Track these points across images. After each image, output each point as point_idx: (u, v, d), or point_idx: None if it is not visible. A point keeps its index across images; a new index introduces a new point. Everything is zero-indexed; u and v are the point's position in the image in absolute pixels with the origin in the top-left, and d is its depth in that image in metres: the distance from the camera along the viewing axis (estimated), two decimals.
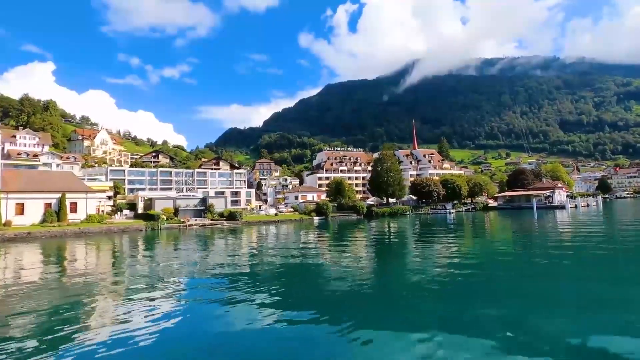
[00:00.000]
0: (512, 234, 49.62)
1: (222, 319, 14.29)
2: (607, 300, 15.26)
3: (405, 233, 54.59)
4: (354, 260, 29.12)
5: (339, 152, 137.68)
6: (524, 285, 18.71)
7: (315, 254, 33.68)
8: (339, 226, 69.76)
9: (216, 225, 73.18)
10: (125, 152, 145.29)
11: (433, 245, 37.90)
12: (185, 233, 62.84)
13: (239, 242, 47.44)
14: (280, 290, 18.94)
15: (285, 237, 53.08)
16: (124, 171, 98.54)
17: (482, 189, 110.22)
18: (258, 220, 79.01)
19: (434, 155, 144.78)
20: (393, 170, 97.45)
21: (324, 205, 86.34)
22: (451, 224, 67.09)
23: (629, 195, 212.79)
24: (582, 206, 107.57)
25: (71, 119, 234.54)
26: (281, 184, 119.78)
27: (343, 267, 25.53)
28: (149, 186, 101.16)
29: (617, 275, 20.59)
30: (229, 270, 25.58)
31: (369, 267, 26.24)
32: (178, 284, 21.26)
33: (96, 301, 17.55)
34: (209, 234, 58.49)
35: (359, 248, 37.67)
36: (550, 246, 33.74)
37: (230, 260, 31.15)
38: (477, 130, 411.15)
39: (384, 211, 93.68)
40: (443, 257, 28.48)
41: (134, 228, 65.22)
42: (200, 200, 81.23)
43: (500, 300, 15.79)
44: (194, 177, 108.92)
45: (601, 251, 29.40)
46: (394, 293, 18.19)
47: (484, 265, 25.05)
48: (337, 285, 19.85)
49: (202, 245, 43.80)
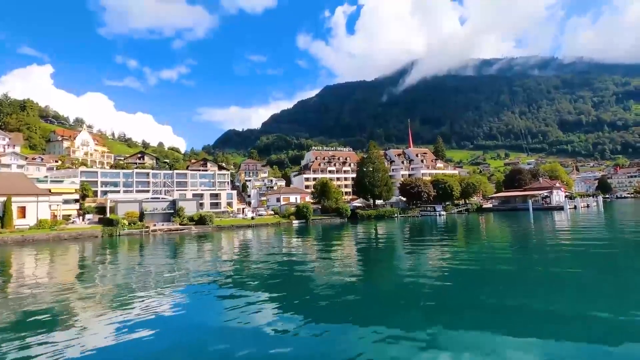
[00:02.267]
0: (501, 241, 42.51)
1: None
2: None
3: (386, 239, 47.86)
4: (322, 276, 23.05)
5: (327, 152, 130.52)
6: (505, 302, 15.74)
7: (275, 269, 26.92)
8: (319, 231, 62.97)
9: (183, 230, 66.47)
10: (109, 153, 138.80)
11: (406, 257, 31.12)
12: (146, 240, 56.33)
13: (196, 251, 40.60)
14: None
15: (253, 244, 46.37)
16: (96, 172, 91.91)
17: (475, 189, 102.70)
18: (230, 224, 72.13)
19: (427, 154, 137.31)
20: (380, 170, 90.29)
21: (304, 208, 79.39)
22: (440, 227, 60.60)
23: (630, 195, 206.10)
24: (582, 207, 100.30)
25: (64, 121, 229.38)
26: (266, 186, 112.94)
27: (309, 288, 20.20)
28: (124, 188, 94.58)
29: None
30: (149, 297, 18.83)
31: (338, 284, 20.24)
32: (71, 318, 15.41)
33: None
34: (172, 241, 51.99)
35: (328, 260, 30.67)
36: (545, 259, 26.65)
37: (165, 278, 24.16)
38: (475, 130, 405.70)
39: (369, 214, 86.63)
40: (411, 273, 23.31)
41: (87, 234, 58.58)
42: (170, 203, 74.56)
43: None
44: (173, 179, 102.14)
45: (610, 275, 22.41)
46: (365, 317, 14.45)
47: (460, 281, 20.56)
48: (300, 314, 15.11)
49: (150, 256, 37.34)
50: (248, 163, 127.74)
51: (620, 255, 28.17)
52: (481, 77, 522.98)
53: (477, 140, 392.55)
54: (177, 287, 21.05)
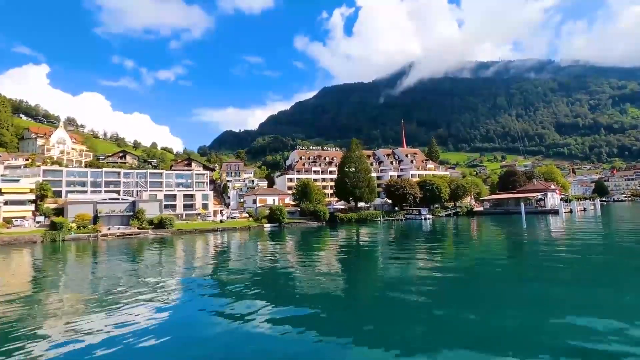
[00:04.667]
0: (485, 252, 35.28)
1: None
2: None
3: (359, 249, 40.64)
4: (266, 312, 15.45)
5: (312, 152, 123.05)
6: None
7: (223, 294, 19.76)
8: (291, 236, 55.83)
9: (138, 235, 59.34)
10: (87, 152, 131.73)
11: (371, 274, 24.05)
12: (92, 246, 49.33)
13: (139, 263, 33.58)
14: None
15: (207, 253, 39.31)
16: (61, 171, 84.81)
17: (465, 191, 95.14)
18: (194, 228, 64.95)
19: (417, 155, 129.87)
20: (362, 170, 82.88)
21: (277, 210, 72.13)
22: (422, 234, 53.74)
23: (627, 198, 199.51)
24: (578, 211, 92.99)
25: (54, 120, 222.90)
26: (247, 187, 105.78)
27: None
28: (92, 188, 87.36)
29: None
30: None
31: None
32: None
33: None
34: (116, 248, 45.04)
35: (277, 284, 23.41)
36: (531, 280, 19.44)
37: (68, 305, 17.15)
38: (472, 132, 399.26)
39: (350, 217, 79.28)
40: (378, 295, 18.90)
41: (25, 240, 51.54)
42: (129, 204, 67.43)
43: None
44: (147, 179, 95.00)
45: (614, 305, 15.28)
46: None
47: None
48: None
49: (78, 269, 30.36)
50: (230, 163, 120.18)
51: (622, 279, 20.97)
52: (478, 79, 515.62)
53: (474, 143, 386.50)
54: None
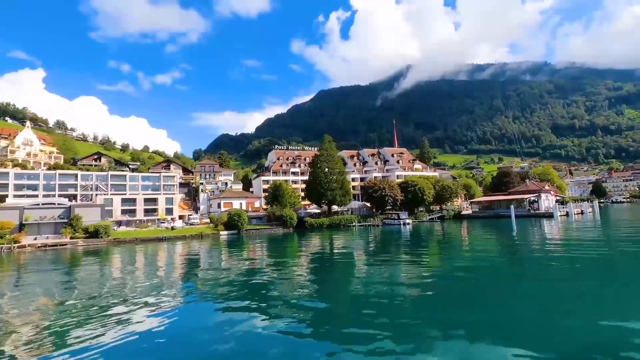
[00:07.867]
0: (464, 265, 25.85)
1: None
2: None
3: (321, 260, 31.26)
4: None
5: (292, 152, 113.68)
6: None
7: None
8: (247, 247, 46.49)
9: (65, 245, 50.27)
10: (58, 154, 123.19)
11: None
12: (8, 259, 40.52)
13: (35, 287, 24.24)
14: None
15: (133, 274, 30.00)
16: (7, 174, 76.19)
17: (452, 193, 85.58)
18: (135, 237, 55.76)
19: (404, 154, 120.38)
20: (335, 170, 73.53)
21: (235, 216, 62.89)
22: (399, 242, 44.62)
23: (626, 199, 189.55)
24: (575, 213, 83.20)
25: (43, 123, 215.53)
26: (219, 189, 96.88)
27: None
28: (45, 192, 78.65)
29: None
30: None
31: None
32: None
33: None
34: (30, 261, 36.27)
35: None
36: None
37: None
38: (469, 135, 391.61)
39: (321, 222, 69.87)
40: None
41: None
42: (64, 210, 58.42)
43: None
44: (108, 182, 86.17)
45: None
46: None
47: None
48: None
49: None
50: (204, 164, 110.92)
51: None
52: (474, 81, 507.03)
53: (471, 145, 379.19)
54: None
